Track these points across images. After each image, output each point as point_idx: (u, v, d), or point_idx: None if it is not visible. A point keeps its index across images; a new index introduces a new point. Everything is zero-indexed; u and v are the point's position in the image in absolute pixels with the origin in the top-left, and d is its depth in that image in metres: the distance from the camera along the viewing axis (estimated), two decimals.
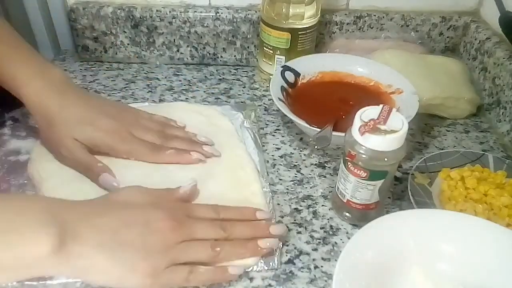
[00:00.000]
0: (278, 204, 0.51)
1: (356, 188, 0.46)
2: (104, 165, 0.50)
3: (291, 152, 0.59)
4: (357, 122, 0.43)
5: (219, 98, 0.69)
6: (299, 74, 0.65)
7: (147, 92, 0.70)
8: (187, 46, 0.75)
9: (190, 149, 0.54)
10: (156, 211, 0.41)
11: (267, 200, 0.50)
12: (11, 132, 0.58)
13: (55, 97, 0.49)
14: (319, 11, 0.67)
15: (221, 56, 0.77)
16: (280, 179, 0.55)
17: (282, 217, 0.50)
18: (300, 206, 0.52)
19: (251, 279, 0.43)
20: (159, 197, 0.44)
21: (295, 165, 0.57)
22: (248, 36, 0.74)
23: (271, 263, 0.44)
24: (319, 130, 0.54)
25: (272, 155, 0.58)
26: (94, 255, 0.37)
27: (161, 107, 0.63)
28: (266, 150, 0.59)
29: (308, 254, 0.46)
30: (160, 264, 0.39)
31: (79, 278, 0.41)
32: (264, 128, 0.63)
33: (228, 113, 0.63)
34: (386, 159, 0.43)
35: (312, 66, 0.66)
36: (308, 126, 0.55)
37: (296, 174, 0.56)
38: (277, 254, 0.45)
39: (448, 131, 0.65)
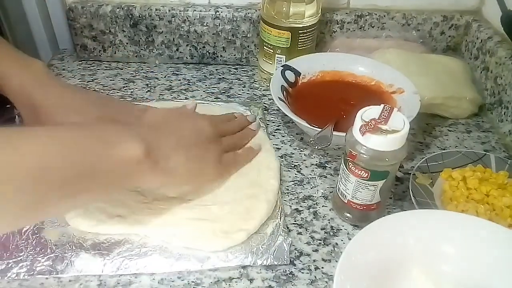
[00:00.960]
0: (281, 203, 0.51)
1: (357, 189, 0.45)
2: None
3: (291, 152, 0.59)
4: (358, 122, 0.43)
5: (218, 98, 0.68)
6: (300, 74, 0.65)
7: (146, 92, 0.69)
8: (187, 45, 0.75)
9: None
10: (197, 117, 0.52)
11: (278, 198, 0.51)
12: None
13: (39, 88, 0.49)
14: (320, 10, 0.67)
15: (221, 55, 0.76)
16: (281, 179, 0.54)
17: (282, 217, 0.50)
18: (301, 206, 0.51)
19: (251, 280, 0.43)
20: (191, 113, 0.55)
21: (295, 165, 0.57)
22: (248, 35, 0.74)
23: (280, 258, 0.44)
24: (319, 130, 0.54)
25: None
26: (175, 156, 0.44)
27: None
28: None
29: (308, 255, 0.46)
30: (218, 152, 0.50)
31: (166, 181, 0.45)
32: (264, 128, 0.63)
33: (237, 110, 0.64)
34: (387, 159, 0.43)
35: (312, 66, 0.66)
36: (308, 126, 0.55)
37: (296, 174, 0.55)
38: (286, 250, 0.45)
39: (450, 131, 0.64)
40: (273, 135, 0.62)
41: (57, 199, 0.36)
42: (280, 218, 0.48)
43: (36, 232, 0.46)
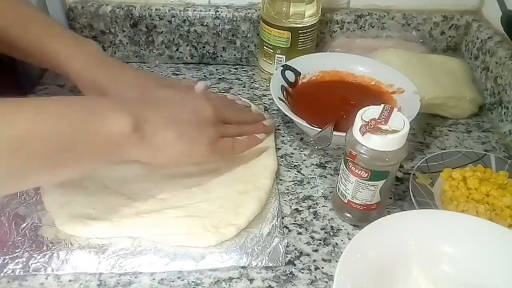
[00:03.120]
0: (279, 204, 0.51)
1: (357, 189, 0.45)
2: None
3: (291, 152, 0.59)
4: (358, 122, 0.43)
5: None
6: (300, 74, 0.65)
7: None
8: (187, 45, 0.75)
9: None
10: (199, 99, 0.50)
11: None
12: None
13: (101, 69, 0.52)
14: (320, 10, 0.67)
15: (221, 55, 0.76)
16: (280, 179, 0.54)
17: (283, 217, 0.50)
18: (301, 206, 0.51)
19: (251, 280, 0.43)
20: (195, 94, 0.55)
21: (295, 165, 0.57)
22: (248, 35, 0.74)
23: (276, 260, 0.44)
24: (319, 130, 0.54)
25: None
26: (165, 132, 0.43)
27: None
28: None
29: (308, 255, 0.46)
30: (213, 134, 0.48)
31: (153, 156, 0.44)
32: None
33: None
34: (387, 159, 0.43)
35: (312, 66, 0.66)
36: (308, 126, 0.55)
37: (296, 174, 0.55)
38: (281, 252, 0.45)
39: (450, 131, 0.64)
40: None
41: (37, 171, 0.37)
42: (277, 219, 0.48)
43: (33, 229, 0.46)
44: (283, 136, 0.61)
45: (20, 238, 0.45)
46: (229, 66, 0.77)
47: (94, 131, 0.38)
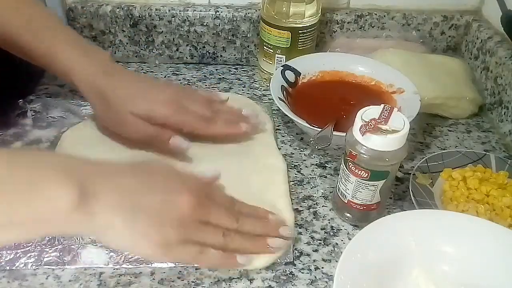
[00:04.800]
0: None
1: (357, 189, 0.45)
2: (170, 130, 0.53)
3: (291, 152, 0.59)
4: (358, 122, 0.43)
5: None
6: (300, 74, 0.65)
7: None
8: (187, 45, 0.75)
9: (237, 121, 0.56)
10: (180, 184, 0.41)
11: (293, 218, 0.49)
12: (32, 123, 0.60)
13: (107, 78, 0.52)
14: (320, 10, 0.67)
15: (221, 55, 0.76)
16: None
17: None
18: (301, 206, 0.51)
19: (251, 280, 0.43)
20: (186, 175, 0.43)
21: (295, 165, 0.57)
22: (248, 35, 0.74)
23: (286, 258, 0.45)
24: (319, 130, 0.54)
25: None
26: (112, 216, 0.36)
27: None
28: None
29: (308, 255, 0.46)
30: (172, 237, 0.38)
31: (96, 238, 0.42)
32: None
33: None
34: (387, 159, 0.43)
35: (312, 66, 0.66)
36: (308, 126, 0.55)
37: (296, 174, 0.55)
38: (291, 249, 0.45)
39: (450, 131, 0.64)
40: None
41: None
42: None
43: None
44: (283, 136, 0.61)
45: None
46: (229, 66, 0.77)
47: (30, 203, 0.33)
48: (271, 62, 0.69)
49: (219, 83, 0.72)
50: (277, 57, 0.68)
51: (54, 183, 0.34)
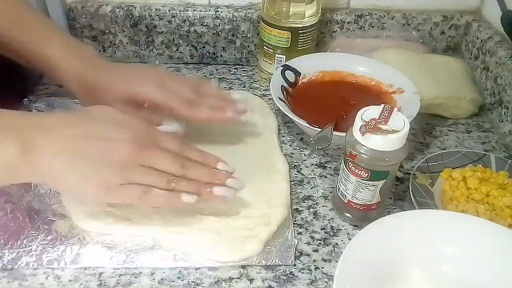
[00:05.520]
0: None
1: (357, 189, 0.45)
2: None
3: (291, 152, 0.59)
4: (358, 122, 0.43)
5: None
6: (300, 74, 0.65)
7: None
8: (187, 45, 0.75)
9: (224, 106, 0.54)
10: (121, 130, 0.42)
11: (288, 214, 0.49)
12: None
13: (93, 69, 0.52)
14: (320, 10, 0.67)
15: (221, 55, 0.76)
16: None
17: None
18: (301, 206, 0.51)
19: (251, 280, 0.43)
20: (130, 120, 0.44)
21: (295, 165, 0.57)
22: (248, 35, 0.74)
23: (287, 260, 0.44)
24: (319, 130, 0.54)
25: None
26: (53, 163, 0.39)
27: None
28: None
29: (308, 255, 0.46)
30: (113, 179, 0.40)
31: (43, 184, 0.45)
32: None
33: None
34: (387, 159, 0.43)
35: (312, 66, 0.66)
36: (308, 126, 0.55)
37: (296, 174, 0.55)
38: (292, 250, 0.45)
39: (450, 131, 0.64)
40: None
41: None
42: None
43: (47, 223, 0.47)
44: (283, 136, 0.61)
45: (33, 232, 0.46)
46: (229, 66, 0.77)
47: None
48: (271, 62, 0.69)
49: (219, 83, 0.72)
50: (277, 57, 0.68)
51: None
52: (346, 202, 0.47)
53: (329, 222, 0.50)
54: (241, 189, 0.46)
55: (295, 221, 0.49)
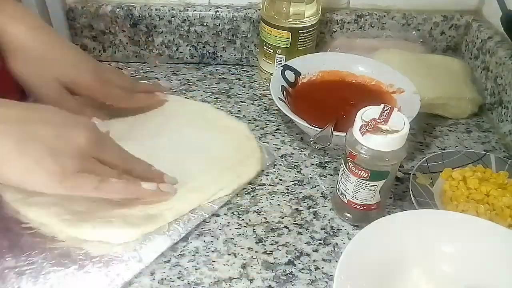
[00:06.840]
0: (279, 204, 0.51)
1: (357, 189, 0.45)
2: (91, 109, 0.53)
3: (291, 152, 0.59)
4: (358, 122, 0.43)
5: (218, 98, 0.68)
6: (300, 73, 0.65)
7: None
8: (187, 45, 0.75)
9: (153, 89, 0.62)
10: (78, 119, 0.41)
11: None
12: None
13: (39, 39, 0.49)
14: (320, 10, 0.67)
15: (221, 55, 0.76)
16: (280, 179, 0.54)
17: (283, 217, 0.50)
18: (301, 206, 0.51)
19: (251, 280, 0.43)
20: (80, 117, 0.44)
21: (295, 165, 0.57)
22: (248, 35, 0.74)
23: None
24: (319, 130, 0.54)
25: (272, 155, 0.58)
26: (0, 143, 0.36)
27: None
28: None
29: (308, 255, 0.46)
30: (70, 166, 0.38)
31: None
32: (264, 128, 0.63)
33: None
34: (387, 159, 0.43)
35: (312, 65, 0.66)
36: (308, 126, 0.55)
37: (296, 174, 0.55)
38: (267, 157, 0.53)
39: (450, 131, 0.64)
40: (273, 135, 0.62)
41: None
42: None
43: None
44: (283, 136, 0.61)
45: None
46: (229, 66, 0.77)
47: None
48: (271, 62, 0.69)
49: (219, 83, 0.72)
50: (277, 57, 0.68)
51: None
52: (346, 202, 0.47)
53: (329, 222, 0.50)
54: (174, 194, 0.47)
55: (295, 221, 0.49)
